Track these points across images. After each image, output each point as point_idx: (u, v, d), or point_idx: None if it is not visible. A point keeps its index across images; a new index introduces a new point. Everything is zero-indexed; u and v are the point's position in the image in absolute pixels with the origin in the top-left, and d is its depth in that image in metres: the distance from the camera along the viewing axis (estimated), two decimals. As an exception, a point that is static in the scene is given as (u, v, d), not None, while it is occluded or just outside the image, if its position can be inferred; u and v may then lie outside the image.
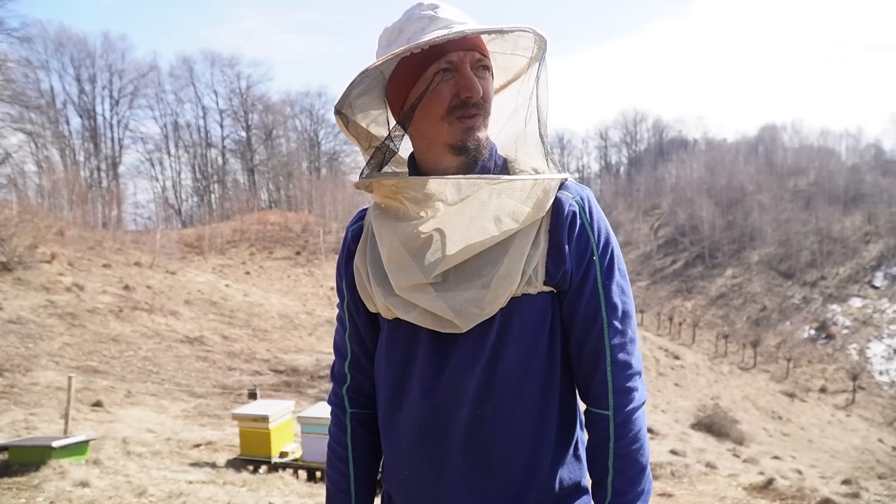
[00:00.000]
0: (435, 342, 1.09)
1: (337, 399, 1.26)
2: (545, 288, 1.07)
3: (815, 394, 37.73)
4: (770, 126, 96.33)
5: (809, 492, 7.82)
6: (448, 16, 1.06)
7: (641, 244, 71.53)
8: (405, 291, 1.08)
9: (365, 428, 1.24)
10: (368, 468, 1.24)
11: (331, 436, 1.27)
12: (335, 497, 1.23)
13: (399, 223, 1.09)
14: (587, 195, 1.11)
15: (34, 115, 34.75)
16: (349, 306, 1.22)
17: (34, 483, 4.94)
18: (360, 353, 1.23)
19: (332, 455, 1.25)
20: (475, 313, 1.04)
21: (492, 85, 1.11)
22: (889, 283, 54.79)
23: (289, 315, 25.23)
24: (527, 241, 1.06)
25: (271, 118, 75.08)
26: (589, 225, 1.08)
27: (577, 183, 1.14)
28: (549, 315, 1.09)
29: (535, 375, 1.08)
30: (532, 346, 1.07)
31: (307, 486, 6.27)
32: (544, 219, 1.07)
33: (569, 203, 1.08)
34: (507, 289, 1.04)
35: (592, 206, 1.10)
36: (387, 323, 1.15)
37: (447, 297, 1.05)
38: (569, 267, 1.07)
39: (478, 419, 1.06)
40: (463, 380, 1.07)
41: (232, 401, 12.66)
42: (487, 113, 1.09)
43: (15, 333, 14.69)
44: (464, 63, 1.05)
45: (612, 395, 1.07)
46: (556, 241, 1.07)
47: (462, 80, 1.05)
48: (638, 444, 1.07)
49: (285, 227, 51.53)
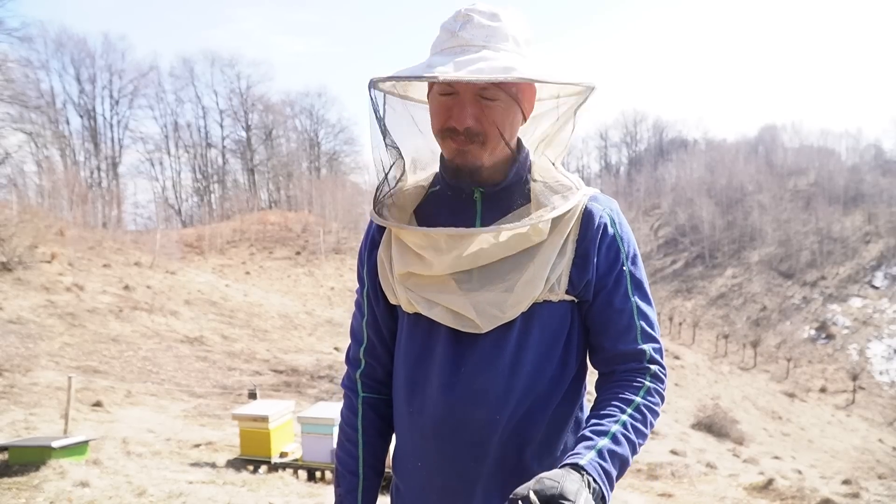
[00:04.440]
0: (454, 341, 1.10)
1: (350, 383, 1.29)
2: (566, 297, 1.09)
3: (815, 394, 37.72)
4: (770, 126, 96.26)
5: (809, 492, 7.83)
6: (469, 36, 1.05)
7: (641, 244, 70.97)
8: (427, 288, 1.10)
9: (376, 412, 1.27)
10: (377, 451, 1.27)
11: (342, 418, 1.30)
12: (343, 477, 1.25)
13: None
14: (616, 208, 1.16)
15: (34, 115, 34.72)
16: (369, 294, 1.24)
17: (34, 483, 4.93)
18: (375, 341, 1.26)
19: (343, 437, 1.28)
20: (496, 315, 1.06)
21: (504, 110, 1.08)
22: (889, 283, 54.77)
23: (289, 315, 25.24)
24: (553, 249, 1.08)
25: (271, 118, 75.10)
26: (620, 238, 1.12)
27: (605, 195, 1.18)
28: (567, 323, 1.11)
29: (550, 383, 1.09)
30: (549, 354, 1.09)
31: (307, 487, 6.26)
32: (573, 228, 1.10)
33: (599, 215, 1.12)
34: (531, 294, 1.06)
35: (622, 220, 1.15)
36: (406, 316, 1.17)
37: (471, 296, 1.07)
38: (592, 277, 1.09)
39: (496, 424, 1.08)
40: (480, 382, 1.08)
41: (232, 401, 12.66)
42: (485, 140, 1.07)
43: (15, 333, 14.68)
44: (465, 89, 1.05)
45: (643, 392, 1.09)
46: (583, 251, 1.09)
47: (454, 107, 1.06)
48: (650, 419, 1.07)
49: (285, 227, 51.55)
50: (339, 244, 48.22)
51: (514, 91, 1.08)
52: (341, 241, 48.69)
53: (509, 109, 1.08)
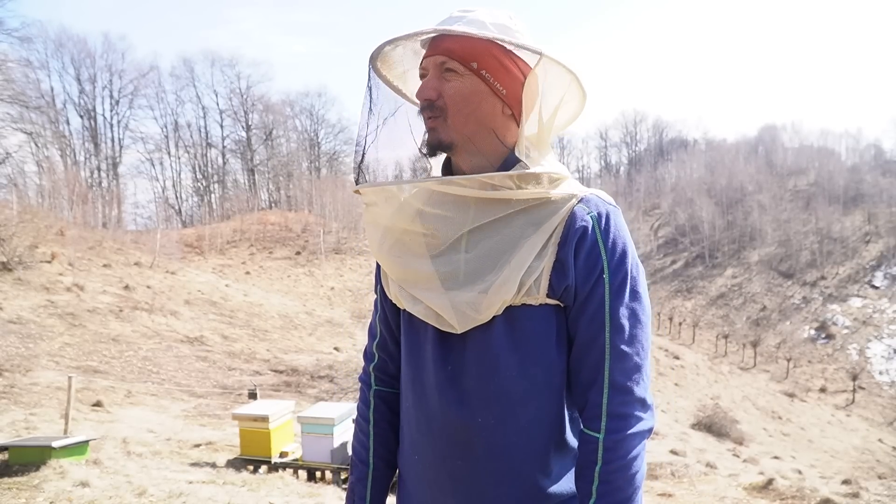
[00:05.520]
0: (440, 340, 1.11)
1: (365, 376, 1.34)
2: (549, 301, 1.06)
3: (815, 394, 37.73)
4: (770, 126, 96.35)
5: (809, 492, 7.84)
6: (452, 24, 1.07)
7: (641, 244, 71.49)
8: (415, 286, 1.12)
9: (387, 405, 1.30)
10: (388, 443, 1.30)
11: (357, 410, 1.34)
12: (356, 466, 1.30)
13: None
14: (607, 211, 1.07)
15: (34, 115, 34.71)
16: (380, 291, 1.29)
17: (34, 483, 4.93)
18: (387, 336, 1.29)
19: (357, 428, 1.33)
20: (471, 316, 1.06)
21: (461, 85, 1.08)
22: (889, 283, 54.76)
23: (289, 315, 25.25)
24: (532, 251, 1.04)
25: (271, 118, 75.09)
26: (602, 242, 1.04)
27: (604, 199, 1.10)
28: (553, 328, 1.07)
29: (536, 387, 1.07)
30: (535, 358, 1.07)
31: (307, 487, 6.26)
32: (555, 231, 1.05)
33: (582, 218, 1.05)
34: (502, 297, 1.04)
35: (610, 223, 1.05)
36: (402, 313, 1.20)
37: (451, 295, 1.07)
38: (572, 283, 1.04)
39: (478, 427, 1.08)
40: (464, 383, 1.08)
41: (232, 401, 12.66)
42: (443, 114, 1.09)
43: (15, 333, 14.68)
44: (431, 67, 1.10)
45: (605, 419, 1.03)
46: (562, 255, 1.04)
47: (422, 83, 1.11)
48: (628, 473, 1.01)
49: (285, 227, 51.54)
50: (339, 244, 48.21)
51: (483, 72, 1.07)
52: (341, 241, 48.67)
53: (474, 87, 1.08)
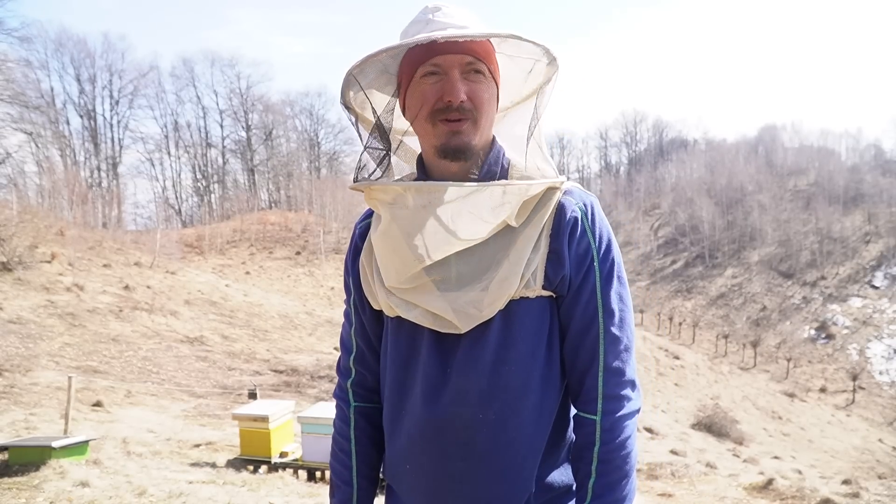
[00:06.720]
0: (437, 342, 1.10)
1: (342, 393, 1.29)
2: (543, 292, 1.09)
3: (815, 394, 37.73)
4: (770, 126, 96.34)
5: (809, 492, 7.84)
6: (446, 19, 1.06)
7: (641, 244, 71.51)
8: (408, 291, 1.10)
9: (368, 421, 1.26)
10: (371, 461, 1.26)
11: (335, 429, 1.29)
12: (338, 488, 1.25)
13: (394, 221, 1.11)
14: (591, 202, 1.12)
15: (34, 115, 34.73)
16: (355, 302, 1.24)
17: (34, 483, 4.93)
18: (364, 349, 1.25)
19: (336, 447, 1.27)
20: (474, 315, 1.06)
21: (488, 88, 1.08)
22: (889, 283, 54.76)
23: (289, 315, 25.24)
24: (528, 244, 1.07)
25: (271, 118, 75.13)
26: (591, 231, 1.09)
27: (583, 189, 1.15)
28: (547, 319, 1.10)
29: (534, 380, 1.09)
30: (532, 351, 1.09)
31: (307, 487, 6.27)
32: (546, 223, 1.09)
33: (571, 209, 1.09)
34: (506, 291, 1.05)
35: (595, 213, 1.11)
36: (390, 321, 1.17)
37: (449, 297, 1.07)
38: (568, 272, 1.08)
39: (479, 423, 1.08)
40: (465, 381, 1.08)
41: (232, 401, 12.66)
42: (477, 117, 1.07)
43: (15, 333, 14.68)
44: (452, 67, 1.05)
45: (602, 401, 1.07)
46: (556, 246, 1.08)
47: (446, 83, 1.05)
48: (624, 452, 1.06)
49: (285, 227, 51.56)
50: (339, 244, 48.20)
51: (495, 75, 1.10)
52: (341, 241, 48.64)
53: (492, 91, 1.10)
